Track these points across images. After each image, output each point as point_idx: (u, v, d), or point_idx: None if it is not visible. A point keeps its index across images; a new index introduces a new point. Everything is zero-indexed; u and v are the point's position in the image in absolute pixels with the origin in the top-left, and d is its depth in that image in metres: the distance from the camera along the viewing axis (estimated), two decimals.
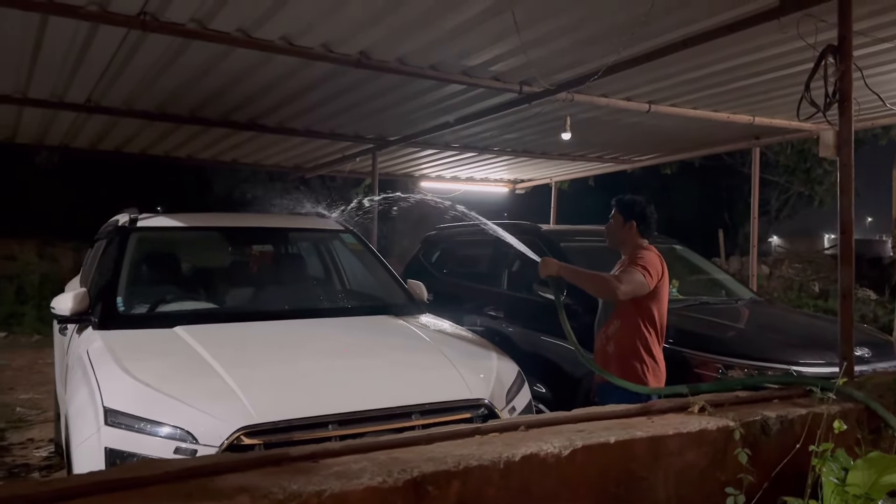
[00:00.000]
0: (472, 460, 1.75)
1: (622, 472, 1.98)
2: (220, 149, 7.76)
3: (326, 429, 2.96)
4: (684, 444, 2.07)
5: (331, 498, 1.55)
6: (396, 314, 4.35)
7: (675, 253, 6.82)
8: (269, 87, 5.26)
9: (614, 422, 2.13)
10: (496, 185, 10.52)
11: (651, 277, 3.89)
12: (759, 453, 2.21)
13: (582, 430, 2.03)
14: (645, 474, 2.01)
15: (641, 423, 2.14)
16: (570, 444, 1.90)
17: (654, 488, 2.03)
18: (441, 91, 5.39)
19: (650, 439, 2.02)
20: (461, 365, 3.55)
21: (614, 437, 1.97)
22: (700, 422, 2.16)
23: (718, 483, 2.11)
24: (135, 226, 4.52)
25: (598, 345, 4.19)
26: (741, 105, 5.94)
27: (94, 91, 5.36)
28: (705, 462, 2.12)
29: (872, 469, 1.89)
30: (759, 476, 2.17)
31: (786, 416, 2.29)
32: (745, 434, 2.16)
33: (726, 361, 4.52)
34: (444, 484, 1.69)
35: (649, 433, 2.04)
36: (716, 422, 2.17)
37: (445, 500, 1.69)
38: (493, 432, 1.98)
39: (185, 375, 3.17)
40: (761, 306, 5.88)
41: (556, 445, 1.89)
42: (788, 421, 2.27)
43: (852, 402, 2.50)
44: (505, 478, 1.78)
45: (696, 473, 2.09)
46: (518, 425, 2.02)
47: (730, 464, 2.13)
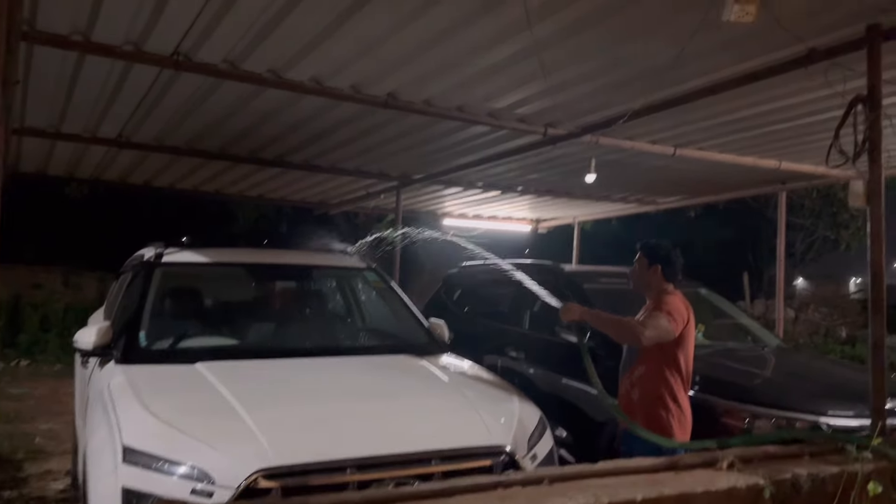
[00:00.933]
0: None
1: None
2: (247, 184, 7.86)
3: (344, 473, 2.92)
4: (713, 503, 2.01)
5: None
6: (418, 354, 4.32)
7: (700, 296, 6.74)
8: (296, 126, 5.33)
9: (641, 477, 2.08)
10: (519, 224, 10.51)
11: (676, 323, 3.84)
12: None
13: (607, 485, 1.98)
14: None
15: (669, 478, 2.09)
16: (596, 501, 1.85)
17: None
18: (466, 132, 5.43)
19: (678, 497, 1.96)
20: (482, 409, 3.50)
21: (641, 494, 1.92)
22: (729, 479, 2.10)
23: None
24: (160, 261, 4.55)
25: (622, 390, 4.12)
26: (768, 150, 5.91)
27: (125, 127, 5.47)
28: None
29: None
30: None
31: (817, 474, 2.22)
32: (775, 493, 2.10)
33: (753, 411, 4.42)
34: None
35: (677, 490, 1.98)
36: (745, 479, 2.10)
37: None
38: (516, 485, 1.93)
39: (205, 414, 3.16)
40: (788, 353, 5.78)
41: (581, 502, 1.84)
42: (820, 479, 2.20)
43: (887, 461, 2.42)
44: None
45: None
46: (542, 479, 1.97)
47: None
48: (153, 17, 3.39)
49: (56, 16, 3.42)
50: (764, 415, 4.41)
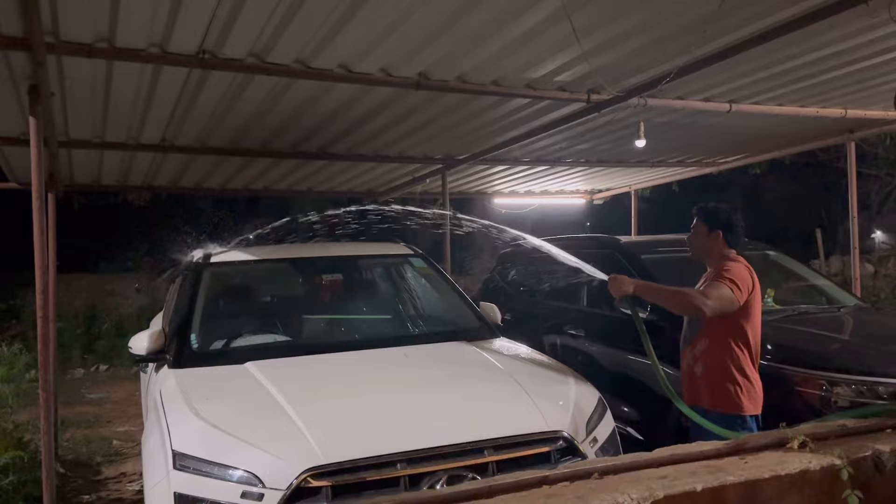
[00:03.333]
0: None
1: None
2: (294, 179, 7.86)
3: (395, 468, 2.85)
4: (783, 489, 1.83)
5: None
6: (469, 339, 4.22)
7: (769, 259, 6.41)
8: (333, 115, 5.25)
9: (701, 464, 1.91)
10: (572, 197, 10.25)
11: (741, 291, 3.61)
12: (872, 495, 1.93)
13: (664, 476, 1.82)
14: None
15: (733, 464, 1.91)
16: (651, 495, 1.70)
17: None
18: (505, 106, 5.24)
19: (743, 485, 1.79)
20: (536, 394, 3.37)
21: (701, 483, 1.75)
22: (801, 461, 1.90)
23: None
24: (208, 262, 4.57)
25: (684, 365, 3.92)
26: (831, 98, 5.52)
27: (166, 131, 5.49)
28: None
29: None
30: None
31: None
32: (854, 473, 1.89)
33: (830, 377, 4.16)
34: None
35: (742, 477, 1.81)
36: (819, 460, 1.91)
37: None
38: (562, 481, 1.79)
39: (253, 415, 3.13)
40: (867, 314, 5.43)
41: (634, 497, 1.69)
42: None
43: None
44: None
45: None
46: (591, 472, 1.83)
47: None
48: (171, 16, 3.33)
49: (78, 24, 3.40)
50: (842, 381, 4.14)
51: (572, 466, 1.88)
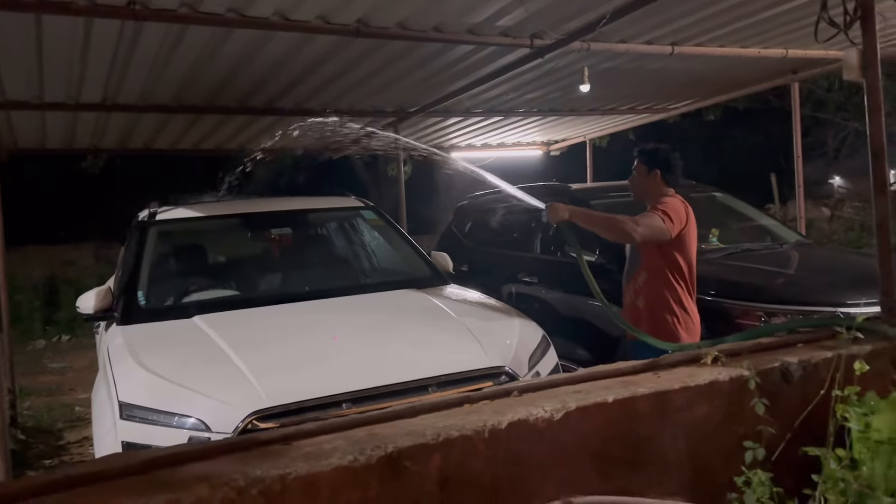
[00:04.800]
0: (453, 431, 1.64)
1: (625, 433, 1.85)
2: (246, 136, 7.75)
3: (340, 408, 2.91)
4: (693, 399, 1.92)
5: (296, 481, 1.46)
6: (419, 287, 4.27)
7: (716, 201, 6.57)
8: (276, 68, 5.17)
9: (617, 380, 1.99)
10: (529, 149, 10.28)
11: (672, 223, 3.70)
12: (781, 403, 2.04)
13: (579, 391, 1.90)
14: (651, 433, 1.87)
15: (647, 379, 2.00)
16: (563, 407, 1.78)
17: (662, 447, 1.89)
18: (451, 54, 5.21)
19: (653, 395, 1.88)
20: (481, 333, 3.46)
21: (612, 395, 1.84)
22: (711, 373, 2.00)
23: (736, 437, 1.96)
24: (154, 220, 4.53)
25: (626, 300, 4.04)
26: (772, 38, 5.58)
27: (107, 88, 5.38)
28: (719, 416, 1.97)
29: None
30: (781, 427, 2.01)
31: (809, 360, 2.11)
32: (761, 383, 2.00)
33: (768, 308, 4.32)
34: (424, 458, 1.59)
35: (652, 389, 1.90)
36: (728, 372, 2.01)
37: (426, 476, 1.60)
38: (483, 400, 1.87)
39: (199, 364, 3.16)
40: (807, 249, 5.60)
41: (548, 409, 1.77)
42: (812, 366, 2.09)
43: (887, 341, 2.30)
44: (491, 447, 1.68)
45: (710, 428, 1.94)
46: (510, 391, 1.90)
47: (747, 416, 1.97)
48: None
49: None
50: (779, 311, 4.30)
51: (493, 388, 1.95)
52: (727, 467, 1.89)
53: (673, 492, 1.88)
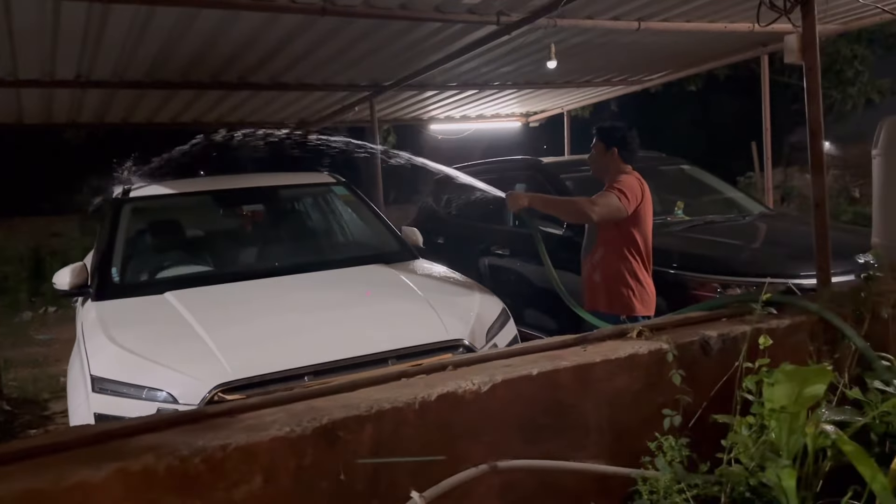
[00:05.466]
0: (385, 403, 1.79)
1: (549, 403, 2.00)
2: (222, 110, 7.80)
3: (303, 380, 3.06)
4: (613, 371, 2.08)
5: (236, 451, 1.61)
6: (387, 262, 4.40)
7: (684, 173, 6.70)
8: (247, 45, 5.23)
9: (546, 354, 2.15)
10: (508, 120, 10.35)
11: (628, 200, 3.85)
12: (699, 374, 2.20)
13: (509, 365, 2.05)
14: (574, 402, 2.03)
15: (573, 353, 2.16)
16: (490, 380, 1.93)
17: (584, 415, 2.05)
18: (419, 31, 5.28)
19: (575, 368, 2.03)
20: (440, 307, 3.60)
21: (537, 369, 1.99)
22: (633, 347, 2.16)
23: (656, 405, 2.12)
24: (127, 196, 4.63)
25: (585, 274, 4.19)
26: (738, 13, 5.67)
27: (80, 66, 5.43)
28: (639, 386, 2.12)
29: (793, 382, 1.86)
30: (700, 396, 2.17)
31: (728, 333, 2.27)
32: (679, 355, 2.15)
33: (723, 280, 4.47)
34: (357, 429, 1.74)
35: (575, 362, 2.05)
36: (648, 345, 2.16)
37: (359, 444, 1.75)
38: (420, 374, 2.01)
39: (168, 339, 3.30)
40: (770, 220, 5.75)
41: (476, 382, 1.92)
42: (731, 339, 2.25)
43: (805, 315, 2.46)
44: (421, 417, 1.83)
45: (630, 398, 2.10)
46: (446, 366, 2.05)
47: (666, 386, 2.13)
48: None
49: None
50: (734, 283, 4.46)
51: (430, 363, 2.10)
52: (647, 433, 2.06)
53: (595, 455, 2.04)
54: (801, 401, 1.87)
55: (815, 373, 1.86)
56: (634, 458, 2.04)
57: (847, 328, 2.40)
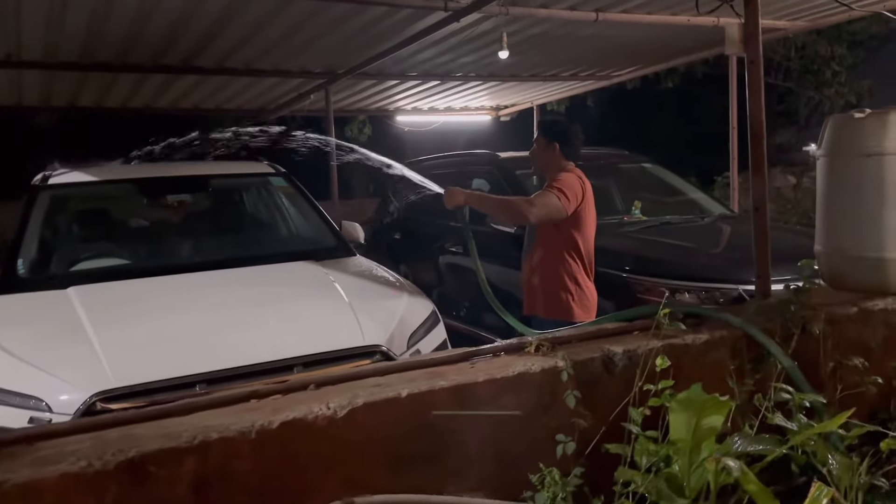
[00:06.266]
0: (212, 433, 1.53)
1: (421, 427, 1.75)
2: (174, 96, 7.51)
3: (193, 389, 2.79)
4: (499, 391, 1.83)
5: (15, 488, 1.35)
6: (319, 259, 4.13)
7: (646, 171, 6.48)
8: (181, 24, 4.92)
9: (427, 370, 1.90)
10: (478, 114, 10.10)
11: (568, 200, 3.61)
12: (599, 395, 1.96)
13: (380, 384, 1.80)
14: (451, 427, 1.78)
15: (459, 369, 1.91)
16: (350, 403, 1.68)
17: (464, 441, 1.80)
18: (366, 14, 5.00)
19: (453, 389, 1.78)
20: (361, 310, 3.34)
21: (408, 389, 1.74)
22: (525, 364, 1.91)
23: (547, 430, 1.87)
24: (45, 183, 4.34)
25: (524, 276, 3.96)
26: (702, 5, 5.43)
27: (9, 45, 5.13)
28: (528, 408, 1.88)
29: (689, 411, 1.63)
30: (599, 420, 1.93)
31: (635, 349, 2.03)
32: (576, 374, 1.91)
33: (671, 285, 4.25)
34: (174, 463, 1.49)
35: (455, 382, 1.80)
36: (542, 362, 1.92)
37: (177, 480, 1.49)
38: (275, 394, 1.76)
39: (52, 340, 3.03)
40: (729, 222, 5.53)
41: (332, 405, 1.67)
42: (638, 355, 2.01)
43: (727, 329, 2.22)
44: (259, 449, 1.57)
45: (517, 422, 1.86)
46: (307, 384, 1.80)
47: (561, 409, 1.89)
48: None
49: None
50: (682, 288, 4.24)
51: (290, 380, 1.85)
52: (536, 461, 1.81)
53: (474, 487, 1.80)
54: (699, 433, 1.64)
55: (712, 403, 1.63)
56: (521, 489, 1.80)
57: (772, 345, 2.17)
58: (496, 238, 5.22)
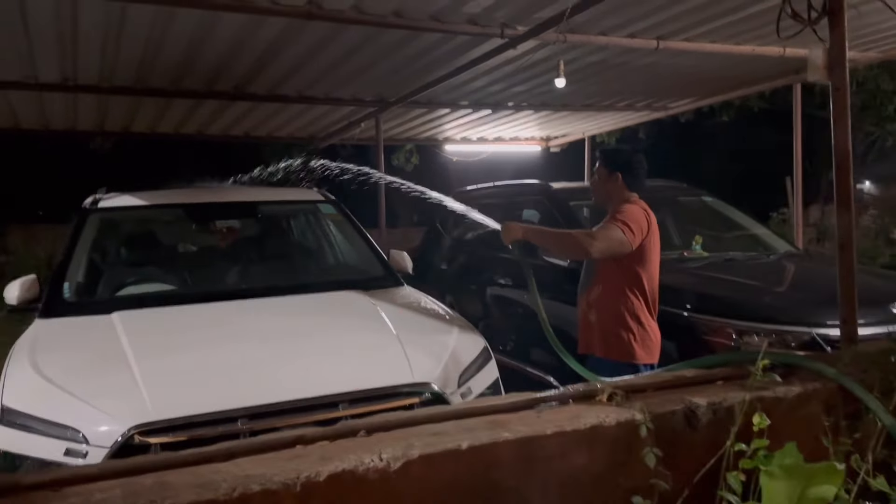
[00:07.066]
0: (253, 484, 1.38)
1: (481, 484, 1.57)
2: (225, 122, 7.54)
3: (235, 424, 2.65)
4: (569, 446, 1.64)
5: None
6: (366, 288, 3.99)
7: (706, 205, 6.22)
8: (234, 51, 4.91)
9: (486, 419, 1.71)
10: (528, 144, 9.96)
11: (633, 234, 3.41)
12: (680, 453, 1.75)
13: (437, 432, 1.63)
14: (514, 484, 1.60)
15: (523, 418, 1.72)
16: (405, 455, 1.51)
17: (528, 500, 1.61)
18: (419, 42, 4.92)
19: (519, 441, 1.60)
20: (410, 344, 3.18)
21: (468, 441, 1.56)
22: (598, 415, 1.71)
23: (622, 491, 1.67)
24: (95, 207, 4.32)
25: (580, 312, 3.75)
26: (768, 34, 5.21)
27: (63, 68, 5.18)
28: (601, 466, 1.68)
29: (794, 479, 1.42)
30: (680, 482, 1.72)
31: (721, 402, 1.81)
32: (657, 428, 1.71)
33: (739, 326, 3.99)
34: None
35: (520, 434, 1.61)
36: (617, 414, 1.72)
37: None
38: (322, 440, 1.60)
39: (93, 368, 2.92)
40: (796, 261, 5.23)
41: (385, 457, 1.50)
42: (724, 409, 1.79)
43: (820, 382, 1.99)
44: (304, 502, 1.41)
45: (589, 480, 1.66)
46: (357, 430, 1.64)
47: (638, 468, 1.68)
48: None
49: None
50: (751, 330, 3.97)
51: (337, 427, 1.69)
52: None
53: None
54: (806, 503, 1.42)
55: (823, 471, 1.41)
56: None
57: (872, 400, 1.93)
58: (547, 271, 5.02)
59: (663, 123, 11.36)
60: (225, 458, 1.51)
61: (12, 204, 15.62)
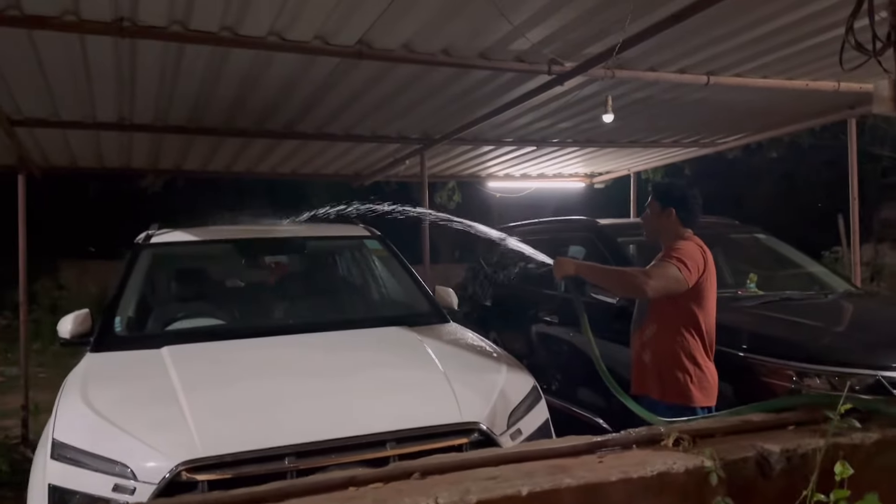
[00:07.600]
0: None
1: None
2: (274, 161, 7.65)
3: (282, 462, 2.62)
4: (635, 493, 1.55)
5: None
6: (412, 325, 3.96)
7: (760, 243, 6.07)
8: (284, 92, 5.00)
9: (548, 463, 1.64)
10: (571, 181, 9.90)
11: (689, 272, 3.31)
12: (753, 502, 1.65)
13: (495, 476, 1.56)
14: None
15: (585, 463, 1.64)
16: (461, 500, 1.44)
17: None
18: (466, 80, 4.94)
19: (582, 488, 1.52)
20: (458, 383, 3.12)
21: (528, 487, 1.49)
22: (665, 461, 1.62)
23: None
24: (147, 242, 4.39)
25: (634, 352, 3.64)
26: (821, 69, 5.10)
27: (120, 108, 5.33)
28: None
29: None
30: None
31: (795, 449, 1.71)
32: (727, 477, 1.61)
33: (798, 368, 3.84)
34: None
35: (583, 480, 1.53)
36: (686, 461, 1.62)
37: None
38: (375, 482, 1.54)
39: (142, 403, 2.93)
40: (855, 300, 5.04)
41: (442, 502, 1.43)
42: (799, 457, 1.69)
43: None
44: None
45: None
46: (411, 472, 1.58)
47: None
48: None
49: None
50: (812, 372, 3.82)
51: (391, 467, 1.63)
52: None
53: None
54: None
55: None
56: None
57: None
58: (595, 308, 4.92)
59: (709, 159, 11.21)
60: (277, 499, 1.46)
61: (65, 240, 16.06)
